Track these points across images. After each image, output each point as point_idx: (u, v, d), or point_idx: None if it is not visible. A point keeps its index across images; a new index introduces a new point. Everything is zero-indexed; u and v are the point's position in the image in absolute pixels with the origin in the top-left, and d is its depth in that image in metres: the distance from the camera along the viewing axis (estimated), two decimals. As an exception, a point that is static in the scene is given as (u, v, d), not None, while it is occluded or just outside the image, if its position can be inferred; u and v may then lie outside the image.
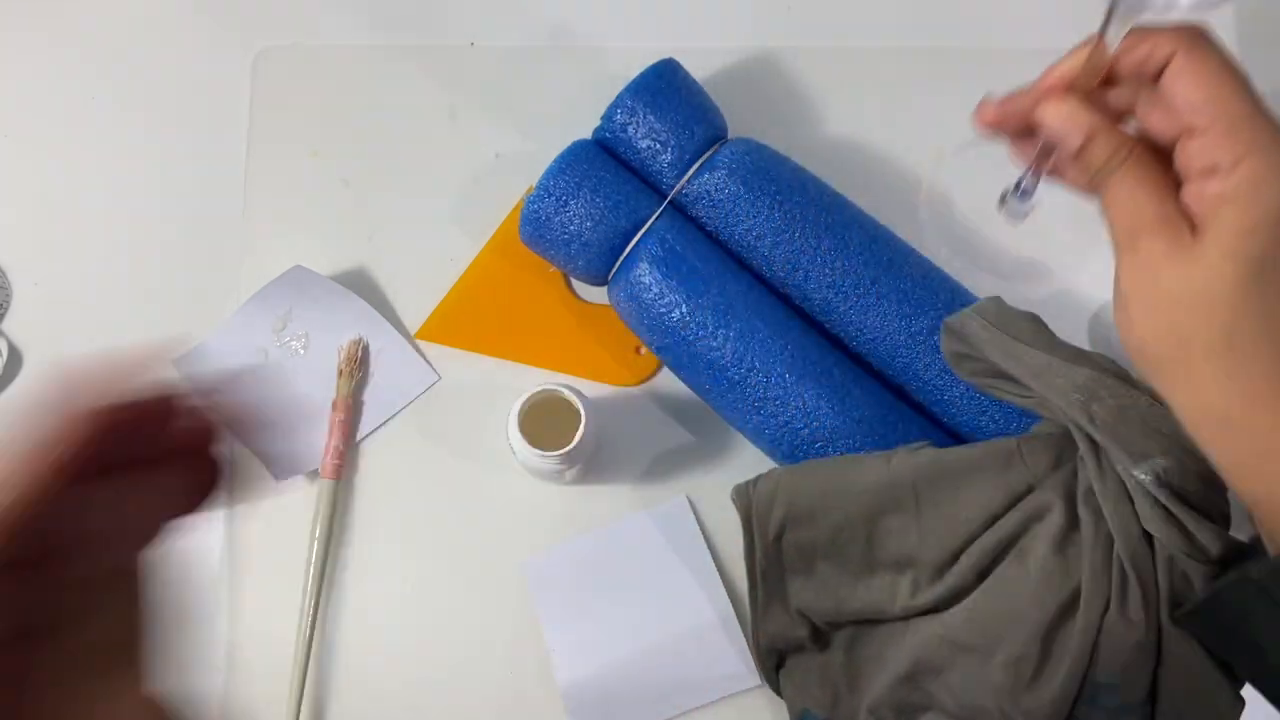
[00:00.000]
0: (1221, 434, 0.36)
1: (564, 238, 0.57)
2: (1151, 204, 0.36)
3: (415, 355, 0.62)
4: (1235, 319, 0.34)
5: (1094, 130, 0.36)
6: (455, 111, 0.65)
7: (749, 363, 0.55)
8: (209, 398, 0.29)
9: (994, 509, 0.48)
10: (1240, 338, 0.35)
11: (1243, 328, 0.35)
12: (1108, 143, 0.36)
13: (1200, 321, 0.35)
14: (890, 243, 0.57)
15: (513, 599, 0.60)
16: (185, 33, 0.67)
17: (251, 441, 0.57)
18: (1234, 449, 0.36)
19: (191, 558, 0.62)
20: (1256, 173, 0.34)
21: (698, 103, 0.58)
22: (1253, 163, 0.34)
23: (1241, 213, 0.34)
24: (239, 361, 0.61)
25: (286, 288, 0.60)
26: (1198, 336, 0.35)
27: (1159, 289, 0.36)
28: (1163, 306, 0.36)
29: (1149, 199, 0.36)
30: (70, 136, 0.65)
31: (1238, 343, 0.35)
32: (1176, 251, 0.35)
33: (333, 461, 0.60)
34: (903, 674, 0.49)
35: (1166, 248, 0.35)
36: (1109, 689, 0.43)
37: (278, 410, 0.54)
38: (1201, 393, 0.36)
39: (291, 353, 0.62)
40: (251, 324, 0.62)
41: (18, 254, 0.64)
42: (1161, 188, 0.36)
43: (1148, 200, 0.36)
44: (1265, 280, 0.34)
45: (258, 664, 0.59)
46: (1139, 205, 0.36)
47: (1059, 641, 0.45)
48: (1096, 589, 0.44)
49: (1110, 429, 0.43)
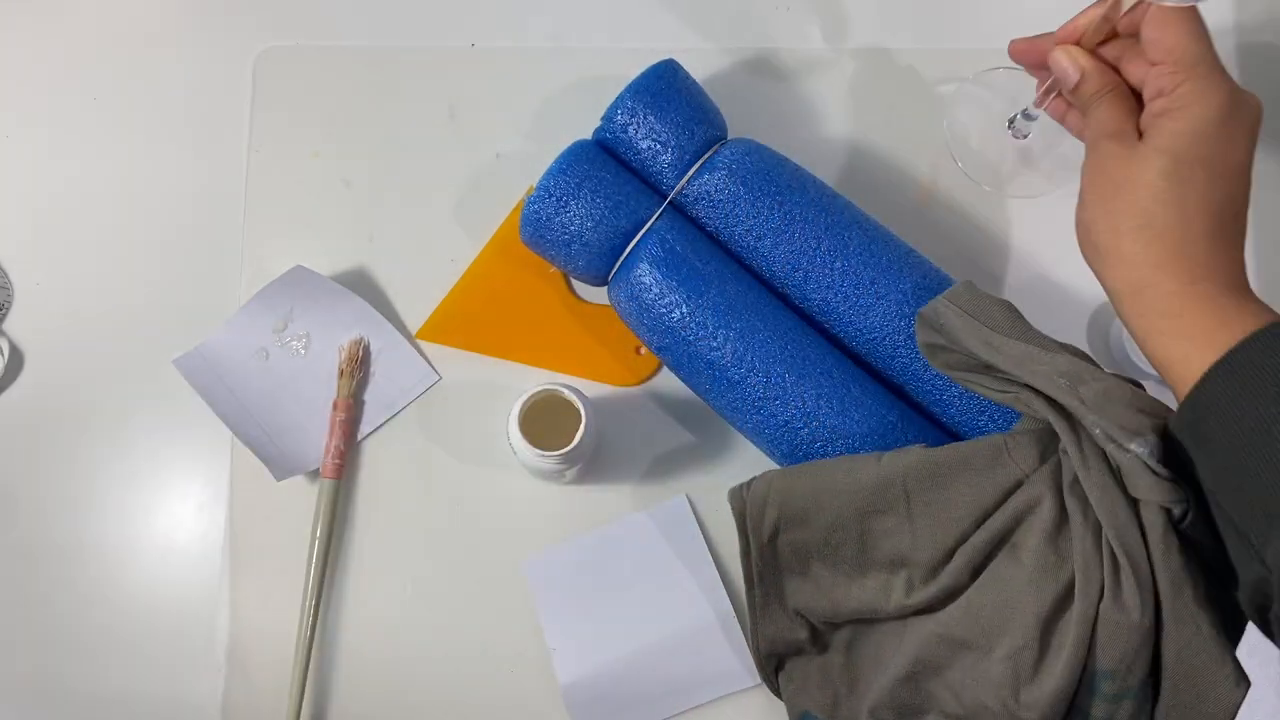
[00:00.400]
0: (1137, 300, 0.44)
1: (564, 238, 0.57)
2: (1115, 120, 0.46)
3: (416, 355, 0.62)
4: (1154, 203, 0.43)
5: (1088, 72, 0.48)
6: (455, 112, 0.65)
7: (749, 363, 0.55)
8: None
9: (985, 506, 0.48)
10: (1156, 218, 0.43)
11: (1159, 211, 0.43)
12: (1096, 80, 0.48)
13: (1129, 204, 0.44)
14: (890, 243, 0.57)
15: (513, 599, 0.60)
16: (187, 33, 0.67)
17: (251, 441, 0.57)
18: (1146, 312, 0.44)
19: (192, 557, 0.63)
20: (1190, 93, 0.44)
21: (698, 103, 0.58)
22: (1189, 85, 0.44)
23: (1172, 121, 0.44)
24: (240, 361, 0.61)
25: (288, 287, 0.60)
26: (1126, 218, 0.44)
27: (1105, 179, 0.45)
28: (1107, 193, 0.45)
29: (1114, 116, 0.47)
30: (71, 137, 0.66)
31: (1155, 222, 0.43)
32: (1123, 150, 0.45)
33: (333, 461, 0.60)
34: (903, 675, 0.49)
35: (1117, 148, 0.45)
36: (1108, 675, 0.43)
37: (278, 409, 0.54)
38: (1125, 266, 0.44)
39: (292, 353, 0.62)
40: (252, 324, 0.62)
41: (18, 254, 0.64)
42: (1127, 110, 0.47)
43: (1112, 117, 0.47)
44: (1181, 174, 0.43)
45: (258, 664, 0.59)
46: (1106, 120, 0.47)
47: (1058, 632, 0.45)
48: (1090, 577, 0.44)
49: (1100, 408, 0.44)
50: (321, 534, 0.59)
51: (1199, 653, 0.43)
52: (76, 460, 0.62)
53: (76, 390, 0.62)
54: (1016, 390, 0.48)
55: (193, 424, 0.61)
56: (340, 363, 0.61)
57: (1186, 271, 0.43)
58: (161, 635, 0.60)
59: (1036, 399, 0.47)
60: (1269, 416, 0.39)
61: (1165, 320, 0.43)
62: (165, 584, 0.61)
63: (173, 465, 0.62)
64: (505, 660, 0.59)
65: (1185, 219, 0.43)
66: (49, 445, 0.62)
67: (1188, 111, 0.44)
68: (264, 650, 0.59)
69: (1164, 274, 0.43)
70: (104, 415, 0.62)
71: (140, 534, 0.61)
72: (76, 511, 0.61)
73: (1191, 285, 0.43)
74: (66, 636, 0.60)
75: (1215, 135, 0.43)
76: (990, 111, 0.64)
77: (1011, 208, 0.64)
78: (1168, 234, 0.43)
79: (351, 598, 0.60)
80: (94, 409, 0.62)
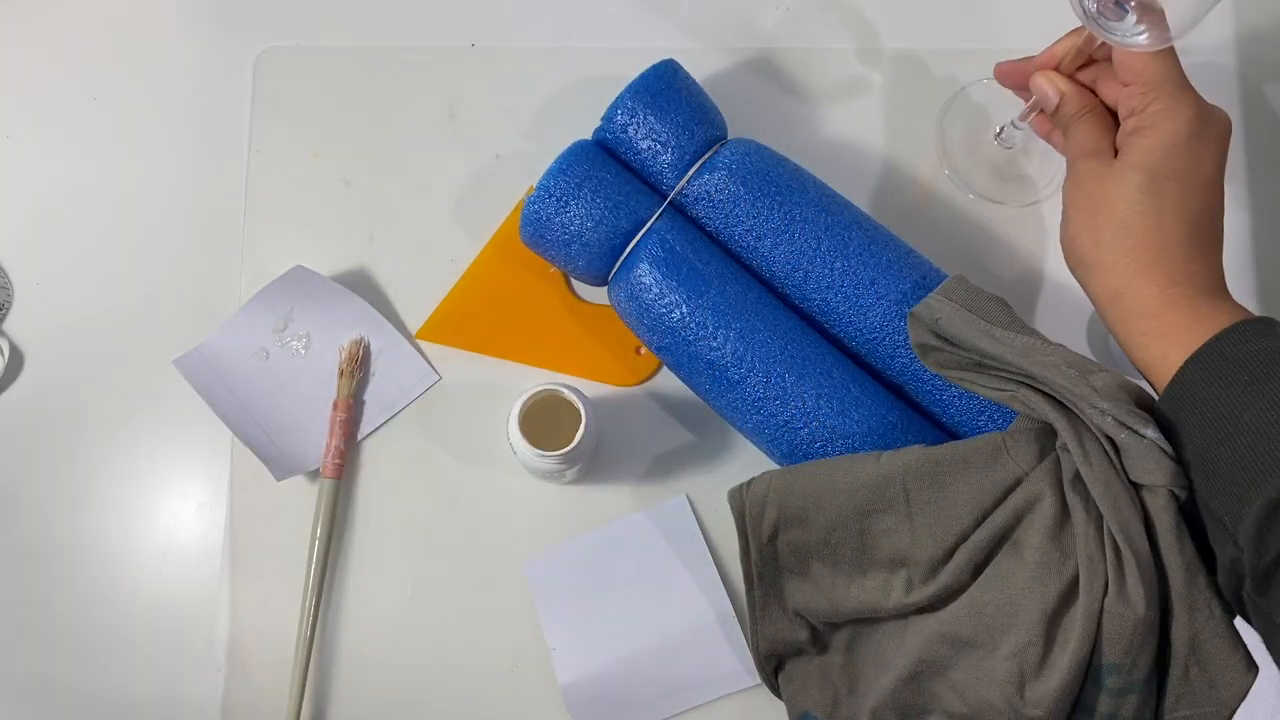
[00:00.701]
0: (1118, 305, 0.47)
1: (564, 238, 0.57)
2: (1093, 139, 0.49)
3: (416, 355, 0.62)
4: (1132, 214, 0.46)
5: (1067, 95, 0.51)
6: (455, 112, 0.65)
7: (749, 363, 0.55)
8: None
9: (984, 504, 0.48)
10: (1134, 228, 0.46)
11: (1136, 221, 0.46)
12: (1074, 103, 0.50)
13: (1109, 218, 0.47)
14: (890, 243, 0.57)
15: (513, 599, 0.60)
16: (186, 33, 0.67)
17: (251, 441, 0.57)
18: (1127, 315, 0.47)
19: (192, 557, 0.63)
20: (1160, 111, 0.47)
21: (698, 103, 0.58)
22: (1158, 104, 0.47)
23: (1144, 138, 0.47)
24: (240, 361, 0.61)
25: (288, 287, 0.60)
26: (1107, 230, 0.47)
27: (1086, 196, 0.48)
28: (1088, 209, 0.48)
29: (1091, 136, 0.49)
30: (71, 136, 0.65)
31: (1133, 232, 0.46)
32: (1101, 168, 0.48)
33: (334, 461, 0.60)
34: (905, 675, 0.49)
35: (1096, 165, 0.48)
36: (1113, 670, 0.44)
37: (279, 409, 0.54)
38: (1107, 275, 0.47)
39: (293, 353, 0.62)
40: (252, 324, 0.62)
41: (18, 254, 0.64)
42: (1103, 129, 0.50)
43: (1090, 137, 0.49)
44: (1156, 186, 0.46)
45: (258, 663, 0.59)
46: (1085, 140, 0.50)
47: (1062, 627, 0.45)
48: (1095, 571, 0.44)
49: (1113, 396, 0.44)
50: (322, 534, 0.59)
51: (1213, 637, 0.43)
52: (76, 460, 0.62)
53: (76, 390, 0.62)
54: (1014, 389, 0.48)
55: (193, 424, 0.61)
56: (340, 363, 0.61)
57: (1164, 276, 0.46)
58: (162, 635, 0.60)
59: (1035, 396, 0.47)
60: (1239, 403, 0.41)
61: (1145, 321, 0.46)
62: (165, 584, 0.61)
63: (173, 465, 0.62)
64: (505, 660, 0.59)
65: (1162, 228, 0.46)
66: (49, 445, 0.62)
67: (1158, 129, 0.46)
68: (264, 650, 0.59)
69: (1143, 280, 0.46)
70: (104, 415, 0.62)
71: (140, 534, 0.61)
72: (76, 511, 0.61)
73: (1169, 289, 0.46)
74: (66, 636, 0.60)
75: (1186, 149, 0.46)
76: (978, 121, 0.65)
77: (1011, 207, 0.64)
78: (1146, 243, 0.46)
79: (352, 598, 0.60)
80: (94, 409, 0.62)
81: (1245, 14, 0.66)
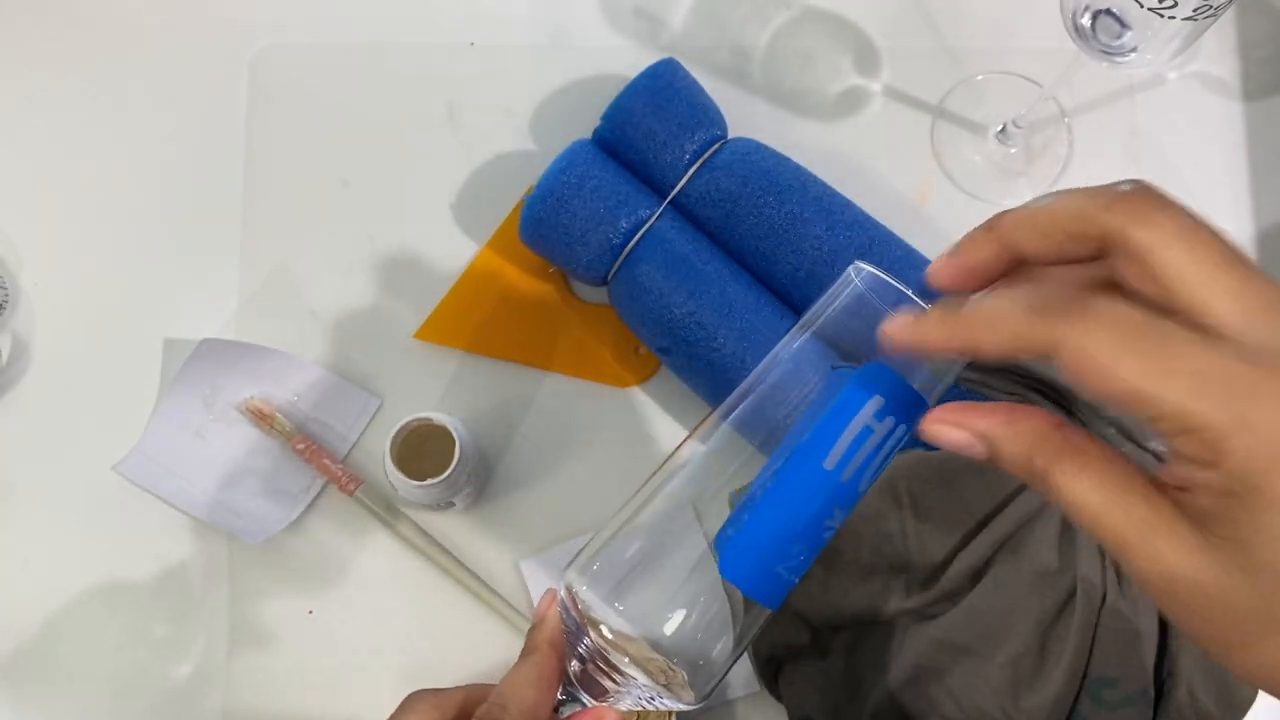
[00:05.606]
0: None
1: (564, 238, 0.57)
2: (1123, 504, 0.25)
3: (349, 387, 0.61)
4: None
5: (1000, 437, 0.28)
6: (455, 111, 0.65)
7: (749, 363, 0.55)
8: None
9: (985, 510, 0.48)
10: None
11: None
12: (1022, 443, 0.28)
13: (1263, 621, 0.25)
14: (890, 243, 0.57)
15: (513, 599, 0.60)
16: (183, 31, 0.67)
17: (220, 521, 0.55)
18: None
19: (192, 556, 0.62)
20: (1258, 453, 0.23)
21: (698, 103, 0.58)
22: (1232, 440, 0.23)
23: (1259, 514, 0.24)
24: (182, 448, 0.59)
25: (201, 363, 0.58)
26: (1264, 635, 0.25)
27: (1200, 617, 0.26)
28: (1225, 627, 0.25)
29: (1116, 499, 0.25)
30: (70, 136, 0.65)
31: None
32: (1190, 556, 0.25)
33: (342, 475, 0.59)
34: (904, 679, 0.49)
35: (1176, 554, 0.25)
36: (1109, 683, 0.43)
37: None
38: None
39: (230, 421, 0.60)
40: (180, 409, 0.60)
41: (19, 253, 0.64)
42: (1121, 474, 0.26)
43: (1117, 502, 0.25)
44: None
45: (259, 663, 0.59)
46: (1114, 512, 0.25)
47: (1058, 638, 0.45)
48: (1093, 583, 0.44)
49: None
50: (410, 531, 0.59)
51: None
52: (76, 460, 0.62)
53: (76, 390, 0.62)
54: (1023, 393, 0.48)
55: (192, 424, 0.61)
56: (254, 424, 0.60)
57: None
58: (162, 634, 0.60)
59: (1045, 404, 0.47)
60: None
61: None
62: (166, 583, 0.61)
63: (172, 465, 0.62)
64: (505, 661, 0.59)
65: None
66: (49, 445, 0.62)
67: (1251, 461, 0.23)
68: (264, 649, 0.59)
69: None
70: (104, 415, 0.62)
71: (140, 534, 0.61)
72: (76, 512, 0.61)
73: None
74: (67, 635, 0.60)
75: None
76: (978, 120, 0.65)
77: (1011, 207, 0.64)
78: None
79: (351, 597, 0.60)
80: (94, 409, 0.62)
81: (1246, 14, 0.66)
